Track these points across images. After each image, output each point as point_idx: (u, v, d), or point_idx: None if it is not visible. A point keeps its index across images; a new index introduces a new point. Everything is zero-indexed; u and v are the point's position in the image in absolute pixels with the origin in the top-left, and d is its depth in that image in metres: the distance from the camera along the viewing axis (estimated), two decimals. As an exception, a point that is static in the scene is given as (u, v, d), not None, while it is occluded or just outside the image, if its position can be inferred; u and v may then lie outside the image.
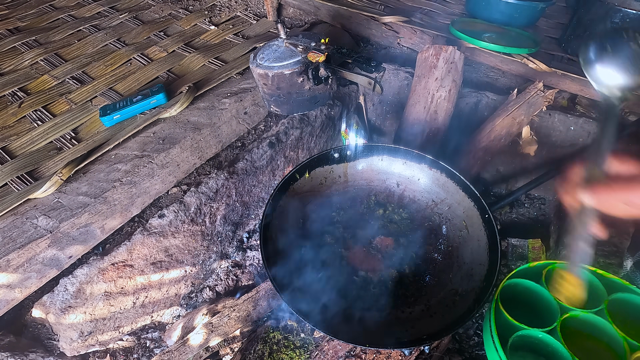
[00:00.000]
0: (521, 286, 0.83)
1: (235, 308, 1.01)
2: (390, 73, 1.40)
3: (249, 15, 1.64)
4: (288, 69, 1.02)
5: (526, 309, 0.82)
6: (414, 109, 1.20)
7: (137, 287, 1.07)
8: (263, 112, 1.27)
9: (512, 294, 0.82)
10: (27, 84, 1.29)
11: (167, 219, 1.04)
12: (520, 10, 1.37)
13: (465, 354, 1.04)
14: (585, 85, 1.21)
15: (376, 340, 0.80)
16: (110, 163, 1.02)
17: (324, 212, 1.08)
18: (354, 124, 1.41)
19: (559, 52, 1.33)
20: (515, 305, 0.79)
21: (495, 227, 0.88)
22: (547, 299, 0.79)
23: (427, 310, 0.90)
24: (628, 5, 1.11)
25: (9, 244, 0.84)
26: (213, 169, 1.15)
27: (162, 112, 1.13)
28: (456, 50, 1.15)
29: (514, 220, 1.39)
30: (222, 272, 1.26)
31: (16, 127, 1.13)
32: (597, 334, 0.76)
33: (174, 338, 1.09)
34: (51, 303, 0.94)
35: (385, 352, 0.88)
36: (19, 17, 1.64)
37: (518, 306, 0.79)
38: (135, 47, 1.44)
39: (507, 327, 0.76)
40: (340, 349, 0.90)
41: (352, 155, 1.09)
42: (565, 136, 1.24)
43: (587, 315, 0.75)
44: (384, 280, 0.96)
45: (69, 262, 0.92)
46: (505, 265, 1.21)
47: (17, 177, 0.97)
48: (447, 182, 1.03)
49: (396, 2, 1.64)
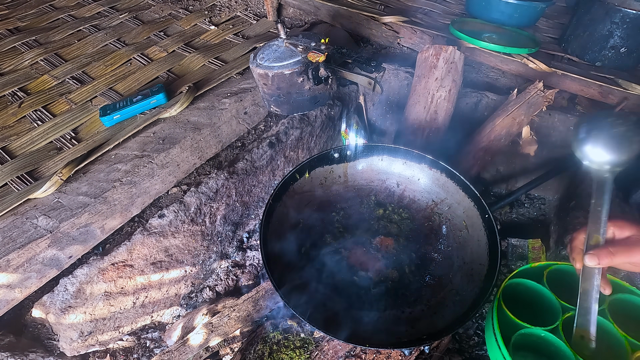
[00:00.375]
0: (522, 286, 0.83)
1: (235, 308, 1.01)
2: (390, 73, 1.40)
3: (249, 15, 1.64)
4: (288, 69, 1.02)
5: (527, 309, 0.82)
6: (414, 109, 1.20)
7: (137, 287, 1.07)
8: (263, 112, 1.27)
9: (513, 293, 0.82)
10: (27, 84, 1.29)
11: (167, 219, 1.04)
12: (520, 10, 1.37)
13: (465, 354, 1.04)
14: (585, 85, 1.21)
15: (376, 340, 0.80)
16: (110, 163, 1.02)
17: (324, 212, 1.08)
18: (354, 124, 1.41)
19: (559, 52, 1.33)
20: (516, 305, 0.79)
21: (495, 227, 0.88)
22: (549, 299, 0.79)
23: (427, 310, 0.90)
24: (628, 5, 1.11)
25: (9, 244, 0.84)
26: (213, 169, 1.15)
27: (162, 112, 1.13)
28: (456, 50, 1.15)
29: (514, 220, 1.39)
30: (222, 272, 1.26)
31: (16, 127, 1.13)
32: (598, 334, 0.76)
33: (174, 338, 1.09)
34: (51, 303, 0.94)
35: (385, 352, 0.88)
36: (19, 17, 1.64)
37: (519, 306, 0.79)
38: (135, 47, 1.44)
39: (509, 327, 0.76)
40: (340, 349, 0.90)
41: (352, 155, 1.09)
42: (565, 136, 1.24)
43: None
44: (384, 280, 0.96)
45: (69, 262, 0.92)
46: (505, 265, 1.21)
47: (17, 177, 0.97)
48: (447, 182, 1.03)
49: (396, 2, 1.64)
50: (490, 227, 0.90)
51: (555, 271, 0.83)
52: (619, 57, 1.21)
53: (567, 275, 0.83)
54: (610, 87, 1.17)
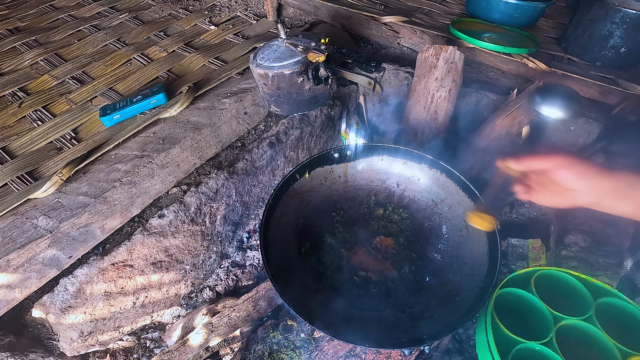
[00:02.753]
0: (511, 294, 0.83)
1: (235, 308, 1.01)
2: (390, 73, 1.40)
3: (249, 15, 1.64)
4: (288, 69, 1.02)
5: (515, 316, 0.83)
6: (414, 109, 1.20)
7: (137, 287, 1.07)
8: (263, 112, 1.27)
9: (503, 302, 0.83)
10: (27, 84, 1.29)
11: (167, 219, 1.04)
12: (520, 10, 1.37)
13: (465, 354, 1.04)
14: (585, 86, 1.21)
15: (376, 340, 0.80)
16: (110, 163, 1.02)
17: (324, 212, 1.08)
18: (354, 124, 1.41)
19: (559, 52, 1.33)
20: (504, 314, 0.79)
21: (495, 227, 0.88)
22: (538, 307, 0.79)
23: (427, 310, 0.90)
24: (628, 5, 1.11)
25: (9, 244, 0.84)
26: (213, 169, 1.15)
27: (162, 112, 1.13)
28: (456, 50, 1.15)
29: (514, 220, 1.39)
30: (222, 272, 1.26)
31: (16, 127, 1.13)
32: (587, 342, 0.76)
33: (174, 338, 1.09)
34: (51, 303, 0.94)
35: (385, 352, 0.88)
36: (19, 17, 1.64)
37: (507, 315, 0.80)
38: (135, 47, 1.44)
39: (501, 338, 0.76)
40: (340, 349, 0.90)
41: (352, 155, 1.09)
42: (565, 136, 1.24)
43: (578, 323, 0.76)
44: (384, 280, 0.96)
45: (69, 262, 0.92)
46: (505, 265, 1.21)
47: (17, 177, 0.97)
48: (447, 182, 1.03)
49: (396, 2, 1.64)
50: (490, 227, 0.90)
51: (542, 276, 0.83)
52: (619, 57, 1.21)
53: (556, 280, 0.83)
54: (610, 87, 1.17)
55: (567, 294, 0.82)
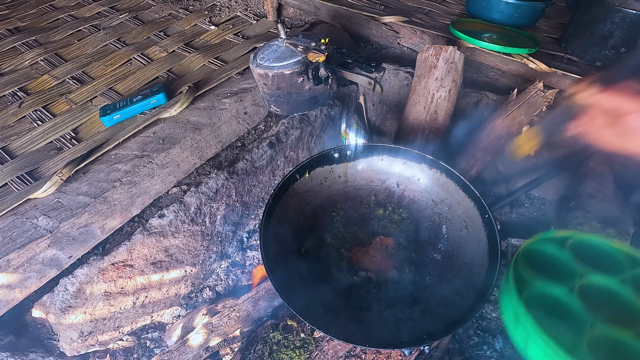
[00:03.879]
0: (540, 253, 0.79)
1: (235, 308, 1.01)
2: (390, 73, 1.40)
3: (249, 15, 1.64)
4: (288, 69, 1.02)
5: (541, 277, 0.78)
6: (414, 109, 1.20)
7: (137, 287, 1.07)
8: (263, 112, 1.27)
9: (527, 262, 0.79)
10: (27, 84, 1.29)
11: (167, 219, 1.04)
12: (520, 10, 1.37)
13: (465, 354, 1.04)
14: (585, 85, 1.21)
15: (376, 340, 0.80)
16: (110, 163, 1.02)
17: (324, 212, 1.08)
18: (354, 124, 1.41)
19: (559, 52, 1.33)
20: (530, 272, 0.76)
21: (495, 227, 0.88)
22: (565, 266, 0.74)
23: (427, 310, 0.89)
24: (628, 5, 1.11)
25: (9, 244, 0.84)
26: (213, 169, 1.15)
27: (162, 112, 1.13)
28: (456, 50, 1.15)
29: (514, 220, 1.39)
30: (222, 272, 1.26)
31: (16, 127, 1.13)
32: (617, 305, 0.70)
33: (174, 338, 1.09)
34: (51, 303, 0.94)
35: (385, 352, 0.88)
36: (19, 17, 1.64)
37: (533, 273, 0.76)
38: (135, 47, 1.44)
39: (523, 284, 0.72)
40: (340, 349, 0.90)
41: (352, 155, 1.09)
42: (565, 137, 1.24)
43: (610, 284, 0.70)
44: (384, 280, 0.96)
45: (69, 262, 0.92)
46: (505, 265, 1.21)
47: (17, 177, 0.97)
48: (447, 182, 1.03)
49: (396, 2, 1.64)
50: (490, 227, 0.90)
51: (579, 243, 0.78)
52: (619, 57, 1.21)
53: (592, 248, 0.78)
54: (610, 87, 1.17)
55: (601, 266, 0.75)
